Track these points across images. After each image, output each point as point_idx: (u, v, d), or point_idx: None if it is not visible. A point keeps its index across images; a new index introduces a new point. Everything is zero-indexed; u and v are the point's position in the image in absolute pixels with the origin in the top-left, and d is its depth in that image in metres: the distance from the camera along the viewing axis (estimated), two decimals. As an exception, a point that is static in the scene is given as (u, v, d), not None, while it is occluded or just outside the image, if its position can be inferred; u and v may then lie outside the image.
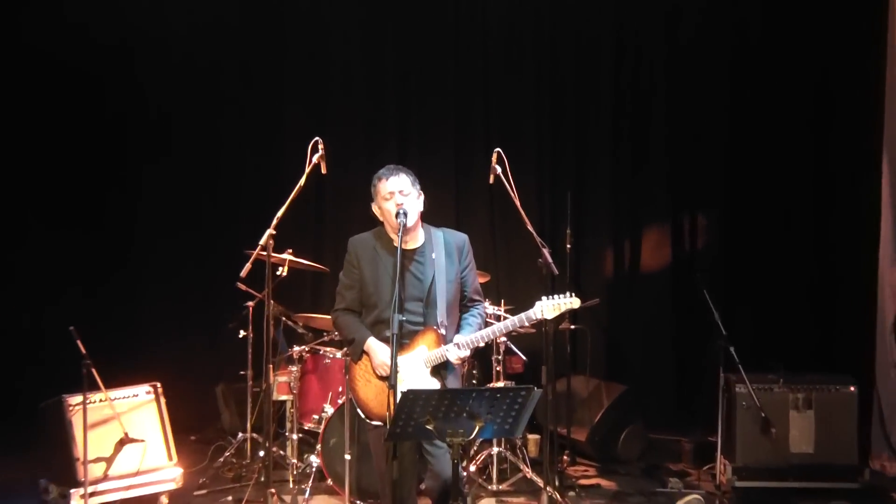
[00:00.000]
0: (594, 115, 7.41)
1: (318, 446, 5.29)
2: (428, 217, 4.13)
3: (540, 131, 7.43)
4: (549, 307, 3.95)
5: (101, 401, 5.04)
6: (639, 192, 7.40)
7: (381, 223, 4.06)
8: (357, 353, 3.99)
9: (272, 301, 4.64)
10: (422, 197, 4.04)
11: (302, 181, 4.41)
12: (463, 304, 4.11)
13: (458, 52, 7.41)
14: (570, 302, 3.96)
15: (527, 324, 4.00)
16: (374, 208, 4.03)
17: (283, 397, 5.79)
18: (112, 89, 7.22)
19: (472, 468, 5.57)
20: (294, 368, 5.68)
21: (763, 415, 5.32)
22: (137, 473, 5.08)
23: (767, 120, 7.13)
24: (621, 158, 7.40)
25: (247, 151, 7.34)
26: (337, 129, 7.18)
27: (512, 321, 3.99)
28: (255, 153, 7.33)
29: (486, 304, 5.81)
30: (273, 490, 4.78)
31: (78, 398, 4.91)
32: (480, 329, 4.05)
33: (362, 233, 4.12)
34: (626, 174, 7.40)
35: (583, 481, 5.81)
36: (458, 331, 4.04)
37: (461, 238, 4.12)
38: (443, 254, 4.02)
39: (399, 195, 3.91)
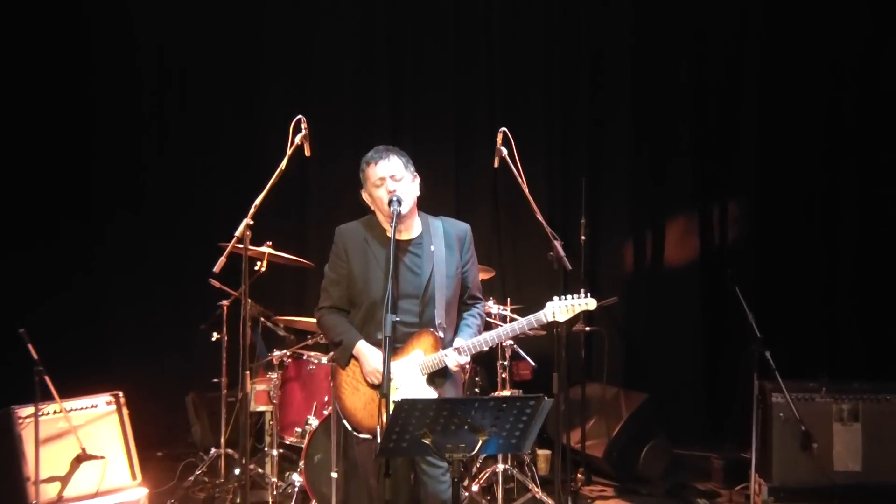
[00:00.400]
0: (611, 92, 7.43)
1: (301, 463, 5.28)
2: (424, 205, 4.13)
3: (550, 110, 7.45)
4: (562, 309, 3.95)
5: (55, 412, 5.02)
6: (662, 177, 7.42)
7: (373, 211, 4.07)
8: (345, 357, 3.99)
9: (249, 300, 4.62)
10: (417, 180, 4.03)
11: (283, 164, 4.38)
12: (462, 301, 4.12)
13: (458, 20, 7.42)
14: (586, 303, 3.97)
15: (536, 326, 4.01)
16: (364, 196, 4.04)
17: (262, 408, 5.79)
18: (73, 68, 7.18)
19: (475, 488, 5.56)
20: (274, 375, 5.68)
21: (803, 428, 5.32)
22: (97, 495, 5.06)
23: (804, 99, 7.15)
24: (642, 140, 7.42)
25: (220, 133, 7.35)
26: (322, 105, 7.19)
27: (519, 323, 3.98)
28: (230, 134, 7.34)
29: (491, 303, 5.84)
30: (250, 513, 4.77)
31: (29, 409, 4.88)
32: (481, 331, 4.07)
33: (351, 221, 4.12)
34: (648, 157, 7.42)
35: (599, 502, 5.80)
36: (457, 332, 4.04)
37: (463, 228, 4.12)
38: (442, 245, 4.01)
39: (391, 181, 3.91)
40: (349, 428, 3.97)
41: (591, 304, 3.98)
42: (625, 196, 7.43)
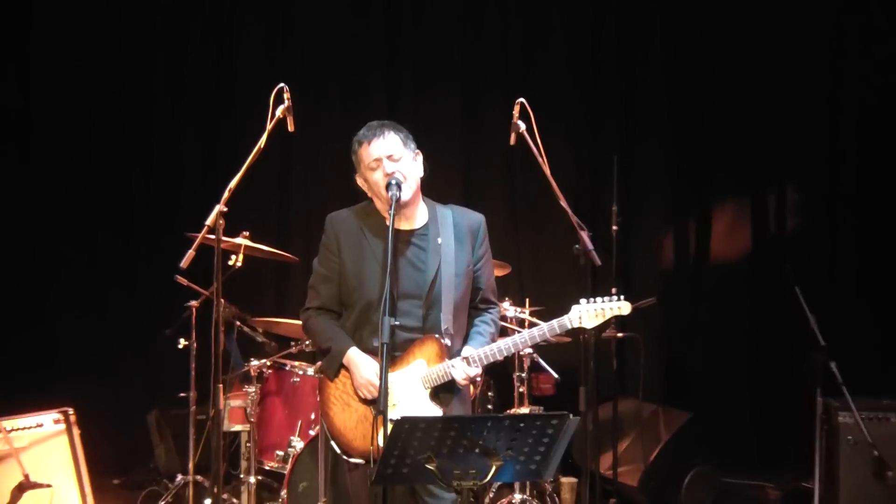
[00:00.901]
0: (646, 55, 7.41)
1: (284, 492, 5.29)
2: (427, 191, 4.12)
3: (576, 77, 7.43)
4: (591, 313, 3.96)
5: (-7, 433, 5.03)
6: (708, 156, 7.40)
7: (370, 198, 4.07)
8: (333, 367, 3.98)
9: (222, 300, 4.61)
10: (419, 159, 4.03)
11: (262, 142, 4.38)
12: (473, 305, 4.12)
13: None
14: (618, 307, 3.97)
15: (559, 332, 4.01)
16: (359, 180, 4.05)
17: (237, 427, 5.80)
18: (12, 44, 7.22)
19: (487, 522, 5.57)
20: (251, 389, 5.69)
21: (876, 453, 5.30)
22: (42, 528, 5.06)
23: (890, 64, 7.08)
24: (684, 112, 7.40)
25: (186, 104, 7.34)
26: (307, 73, 7.20)
27: (540, 329, 3.98)
28: (198, 106, 7.34)
29: (506, 304, 5.84)
30: (222, 551, 4.79)
31: (-37, 429, 4.89)
32: (495, 339, 4.06)
33: (344, 209, 4.13)
34: (692, 133, 7.40)
35: (633, 540, 5.82)
36: (466, 341, 4.04)
37: (476, 219, 4.12)
38: (451, 238, 4.01)
39: (388, 161, 3.92)
40: (339, 451, 3.96)
41: (624, 308, 3.97)
42: (664, 178, 7.41)
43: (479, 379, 4.18)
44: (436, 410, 3.91)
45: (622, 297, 3.98)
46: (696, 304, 7.38)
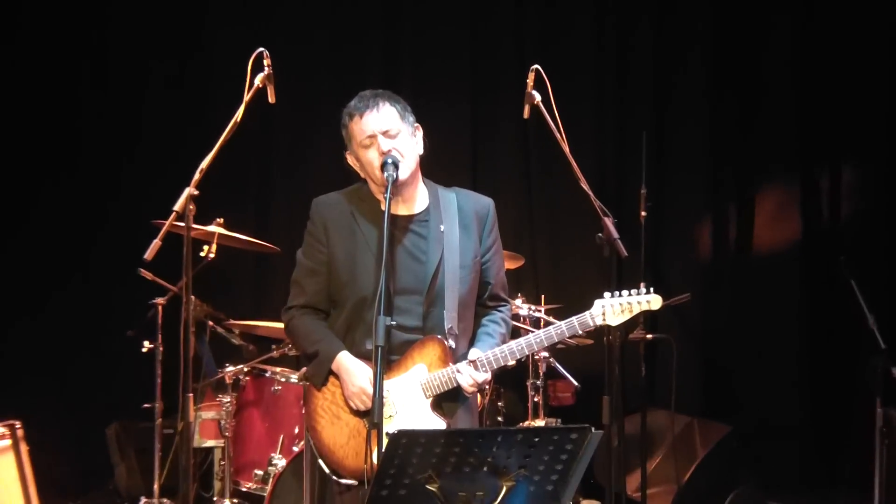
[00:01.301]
0: (684, 16, 7.39)
1: (263, 518, 5.31)
2: (429, 171, 4.12)
3: (601, 42, 7.45)
4: (615, 308, 3.97)
5: (-71, 449, 5.02)
6: (752, 132, 7.39)
7: (363, 179, 4.08)
8: (321, 374, 3.99)
9: (193, 296, 4.61)
10: (419, 134, 4.04)
11: (238, 114, 4.37)
12: (481, 302, 4.15)
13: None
14: (647, 300, 3.99)
15: (580, 332, 4.04)
16: (350, 160, 4.07)
17: (210, 443, 5.83)
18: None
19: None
20: (227, 399, 5.71)
21: (944, 472, 5.31)
22: (-14, 558, 5.06)
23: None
24: (725, 82, 7.38)
25: (151, 74, 7.31)
26: (291, 37, 7.18)
27: (558, 329, 3.98)
28: (163, 75, 7.30)
29: (519, 302, 5.86)
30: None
31: None
32: (506, 341, 4.07)
33: (333, 192, 4.13)
34: (732, 107, 7.40)
35: (666, 573, 5.83)
36: (473, 343, 4.05)
37: (484, 203, 4.15)
38: (455, 225, 4.03)
39: (384, 138, 3.92)
40: (327, 471, 3.97)
41: (654, 302, 3.99)
42: (700, 157, 7.41)
43: (487, 386, 4.19)
44: (438, 422, 3.91)
45: (651, 289, 3.99)
46: (738, 301, 7.38)
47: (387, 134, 3.91)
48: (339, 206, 4.06)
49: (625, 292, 3.98)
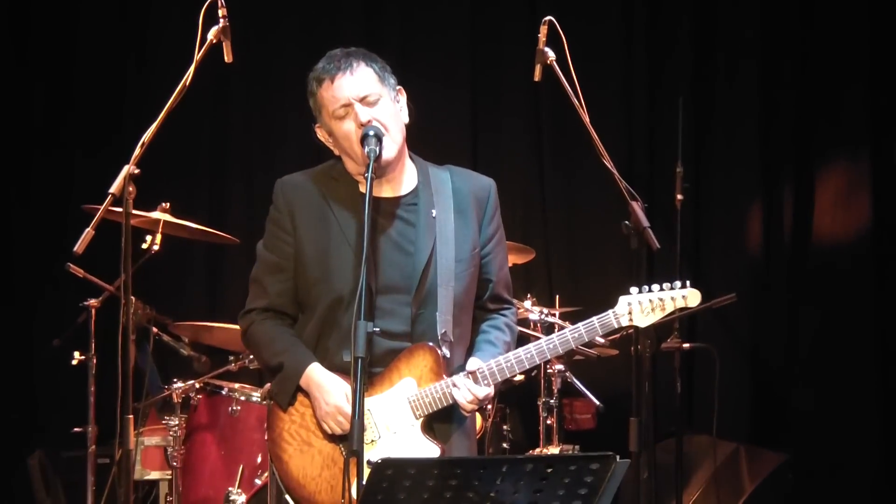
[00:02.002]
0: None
1: (219, 565, 5.38)
2: (418, 147, 4.15)
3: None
4: (645, 306, 3.97)
5: None
6: (812, 100, 7.36)
7: (337, 157, 4.10)
8: (288, 392, 4.00)
9: (133, 297, 4.67)
10: (403, 99, 4.07)
11: (187, 77, 4.38)
12: (480, 304, 4.17)
13: None
14: (683, 295, 3.98)
15: (602, 339, 4.15)
16: (321, 134, 4.09)
17: (155, 475, 5.88)
18: None
19: None
20: (174, 422, 5.73)
21: None
22: None
23: None
24: (780, 37, 7.37)
25: (77, 26, 7.35)
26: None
27: (575, 332, 3.97)
28: (93, 28, 7.34)
29: (528, 303, 5.84)
30: None
31: None
32: (511, 349, 4.08)
33: (300, 171, 4.16)
34: (789, 68, 7.37)
35: None
36: (471, 352, 4.07)
37: (484, 184, 4.17)
38: (450, 210, 4.05)
39: (361, 106, 3.92)
40: (297, 508, 4.01)
41: (691, 298, 3.99)
42: (749, 130, 7.37)
43: (489, 405, 4.21)
44: (430, 448, 3.92)
45: (687, 283, 3.97)
46: (795, 302, 7.32)
47: (364, 101, 3.90)
48: (308, 189, 4.05)
49: (655, 286, 3.96)
